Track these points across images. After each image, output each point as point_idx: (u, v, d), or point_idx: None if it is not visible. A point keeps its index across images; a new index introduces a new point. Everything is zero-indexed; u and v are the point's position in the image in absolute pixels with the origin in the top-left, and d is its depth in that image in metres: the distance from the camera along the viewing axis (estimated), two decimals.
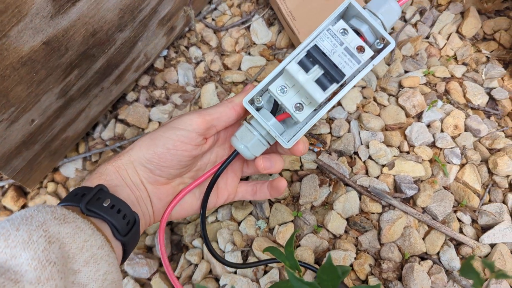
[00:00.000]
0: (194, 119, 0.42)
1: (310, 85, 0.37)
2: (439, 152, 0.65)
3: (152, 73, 0.75)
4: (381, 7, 0.40)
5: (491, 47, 0.73)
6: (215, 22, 0.78)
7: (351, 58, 0.37)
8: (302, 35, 0.69)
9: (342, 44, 0.38)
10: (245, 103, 0.40)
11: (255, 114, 0.40)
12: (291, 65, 0.37)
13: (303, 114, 0.40)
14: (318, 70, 0.37)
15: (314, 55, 0.37)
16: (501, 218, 0.59)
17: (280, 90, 0.39)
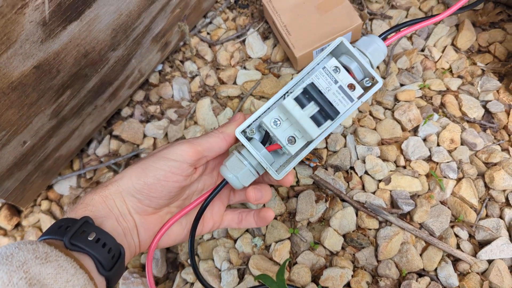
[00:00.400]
0: (186, 150, 0.42)
1: (305, 121, 0.38)
2: (436, 167, 0.65)
3: (147, 88, 0.74)
4: (369, 47, 0.42)
5: (486, 60, 0.72)
6: (210, 36, 0.77)
7: (345, 96, 0.39)
8: (297, 49, 0.69)
9: (336, 82, 0.39)
10: (237, 134, 0.41)
11: (248, 145, 0.41)
12: (287, 101, 0.38)
13: (295, 147, 0.41)
14: (314, 107, 0.39)
15: (311, 93, 0.38)
16: (498, 233, 0.59)
17: (273, 123, 0.40)
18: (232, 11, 0.79)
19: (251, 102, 0.71)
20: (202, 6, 0.72)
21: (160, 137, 0.70)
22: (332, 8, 0.70)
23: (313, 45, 0.69)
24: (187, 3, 0.64)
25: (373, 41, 0.43)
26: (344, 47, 0.41)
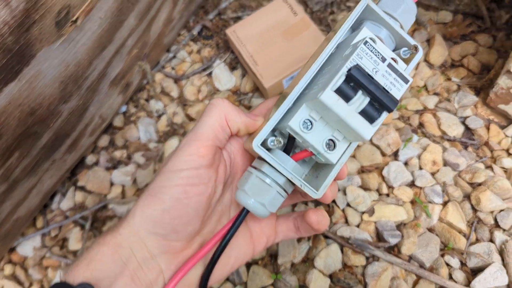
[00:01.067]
0: (195, 151, 0.32)
1: (353, 119, 0.28)
2: (420, 192, 0.62)
3: (111, 132, 0.70)
4: (397, 7, 0.33)
5: (460, 74, 0.70)
6: (175, 70, 0.74)
7: (397, 77, 0.29)
8: (265, 80, 0.66)
9: (384, 60, 0.29)
10: (256, 148, 0.31)
11: (273, 161, 0.31)
12: (327, 95, 0.28)
13: (336, 153, 0.31)
14: (363, 98, 0.28)
15: (358, 79, 0.27)
16: (490, 259, 0.56)
17: (304, 126, 0.30)
18: (196, 43, 0.75)
19: None
20: (163, 42, 0.68)
21: (129, 184, 0.66)
22: (298, 33, 0.67)
23: (282, 74, 0.66)
24: (146, 42, 0.61)
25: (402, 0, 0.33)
26: (369, 13, 0.32)
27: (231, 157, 0.37)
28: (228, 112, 0.34)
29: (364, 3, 0.32)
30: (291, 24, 0.68)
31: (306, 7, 0.75)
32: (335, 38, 0.32)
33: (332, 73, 0.29)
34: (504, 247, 0.57)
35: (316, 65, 0.32)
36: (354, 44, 0.30)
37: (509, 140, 0.65)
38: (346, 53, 0.30)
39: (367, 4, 0.32)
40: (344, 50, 0.31)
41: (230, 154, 0.37)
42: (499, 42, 0.72)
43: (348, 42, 0.32)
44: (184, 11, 0.69)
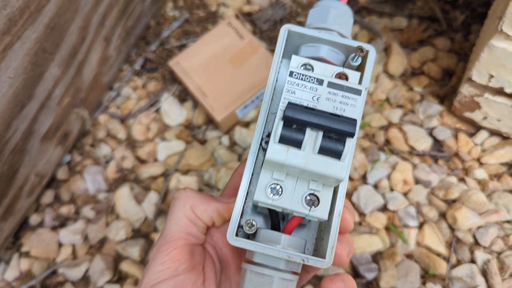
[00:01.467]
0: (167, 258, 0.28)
1: (316, 163, 0.24)
2: (393, 216, 0.58)
3: (56, 186, 0.64)
4: (327, 17, 0.29)
5: (422, 83, 0.67)
6: (120, 110, 0.68)
7: (346, 93, 0.25)
8: (217, 112, 0.61)
9: (322, 82, 0.25)
10: (233, 242, 0.26)
11: (258, 248, 0.26)
12: (271, 151, 0.24)
13: (324, 207, 0.25)
14: (315, 134, 0.24)
15: (296, 118, 0.23)
16: (473, 282, 0.53)
17: (272, 193, 0.25)
18: (140, 77, 0.70)
19: (177, 179, 0.62)
20: (102, 82, 0.63)
21: (79, 243, 0.60)
22: (247, 59, 0.63)
23: (234, 104, 0.61)
24: (79, 87, 0.55)
25: (327, 6, 0.29)
26: (296, 36, 0.28)
27: (217, 249, 0.32)
28: (194, 203, 0.30)
29: (284, 31, 0.28)
30: (238, 49, 0.63)
31: (255, 27, 0.70)
32: (270, 80, 0.28)
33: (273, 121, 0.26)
34: (486, 267, 0.53)
35: (262, 118, 0.27)
36: None
37: (478, 148, 0.61)
38: None
39: (288, 30, 0.28)
40: None
41: (215, 246, 0.32)
42: (458, 44, 0.69)
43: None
44: (121, 46, 0.64)
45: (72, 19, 0.46)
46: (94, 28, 0.52)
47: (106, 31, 0.56)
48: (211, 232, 0.32)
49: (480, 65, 0.52)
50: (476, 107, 0.59)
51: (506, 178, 0.59)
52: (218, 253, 0.31)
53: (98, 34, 0.54)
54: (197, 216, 0.29)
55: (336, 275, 0.27)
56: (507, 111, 0.56)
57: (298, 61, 0.27)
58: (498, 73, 0.52)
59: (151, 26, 0.71)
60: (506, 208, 0.56)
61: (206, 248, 0.31)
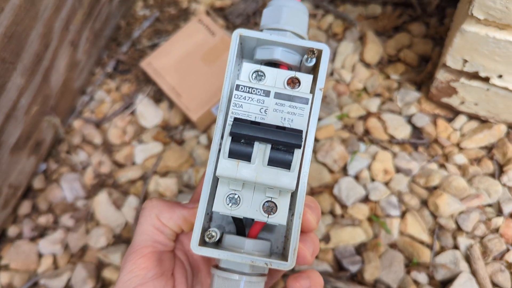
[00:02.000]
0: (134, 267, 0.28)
1: (266, 175, 0.24)
2: (375, 206, 0.58)
3: (33, 196, 0.63)
4: (280, 16, 0.28)
5: (399, 70, 0.66)
6: (95, 114, 0.67)
7: (293, 103, 0.25)
8: (192, 111, 0.60)
9: (268, 93, 0.25)
10: (197, 250, 0.26)
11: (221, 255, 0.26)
12: (222, 166, 0.24)
13: (282, 213, 0.26)
14: (263, 147, 0.24)
15: (243, 132, 0.24)
16: (457, 268, 0.53)
17: (230, 204, 0.26)
18: (113, 80, 0.68)
19: (156, 182, 0.61)
20: (73, 87, 0.61)
21: (60, 252, 0.59)
22: (220, 55, 0.62)
23: (209, 102, 0.60)
24: (47, 95, 0.54)
25: (279, 5, 0.28)
26: (250, 40, 0.27)
27: (188, 255, 0.32)
28: (160, 211, 0.30)
29: (236, 36, 0.27)
30: (210, 46, 0.62)
31: (228, 22, 0.69)
32: (224, 88, 0.27)
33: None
34: (469, 253, 0.53)
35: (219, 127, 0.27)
36: None
37: (457, 133, 0.61)
38: None
39: (240, 35, 0.27)
40: None
41: (186, 252, 0.32)
42: (433, 29, 0.68)
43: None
44: (91, 49, 0.62)
45: (31, 26, 0.44)
46: (58, 33, 0.50)
47: (71, 35, 0.54)
48: (181, 238, 0.32)
49: (453, 50, 0.52)
50: (453, 92, 0.59)
51: (486, 161, 0.58)
52: (189, 259, 0.32)
53: (63, 40, 0.52)
54: (163, 224, 0.30)
55: (302, 272, 0.28)
56: (484, 95, 0.56)
57: (250, 68, 0.27)
58: (471, 58, 0.52)
59: (122, 27, 0.70)
60: (487, 192, 0.56)
61: (176, 255, 0.31)
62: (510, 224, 0.55)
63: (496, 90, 0.54)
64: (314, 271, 0.28)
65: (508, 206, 0.55)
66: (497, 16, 0.45)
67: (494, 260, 0.53)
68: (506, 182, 0.56)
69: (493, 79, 0.53)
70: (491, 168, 0.58)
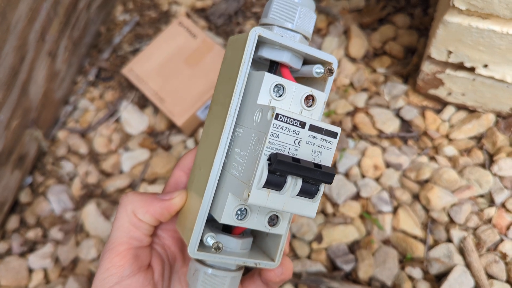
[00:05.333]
0: (110, 265, 0.29)
1: (292, 205, 0.25)
2: (367, 203, 0.57)
3: (20, 210, 0.62)
4: (294, 15, 0.27)
5: (385, 63, 0.66)
6: (79, 123, 0.66)
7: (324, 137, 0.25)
8: (177, 116, 0.59)
9: (304, 125, 0.25)
10: (195, 255, 0.27)
11: (219, 259, 0.28)
12: (255, 195, 0.24)
13: (282, 225, 0.28)
14: (295, 181, 0.25)
15: (283, 170, 0.24)
16: (451, 261, 0.52)
17: (238, 216, 0.27)
18: (96, 87, 0.67)
19: (145, 189, 0.60)
20: (54, 97, 0.60)
21: (50, 266, 0.58)
22: (202, 58, 0.61)
23: (194, 106, 0.59)
24: (27, 107, 0.53)
25: (294, 2, 0.28)
26: (266, 40, 0.27)
27: (165, 247, 0.33)
28: (136, 207, 0.30)
29: (253, 36, 0.26)
30: (192, 49, 0.61)
31: (209, 23, 0.68)
32: (236, 92, 0.26)
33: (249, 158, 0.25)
34: (463, 245, 0.53)
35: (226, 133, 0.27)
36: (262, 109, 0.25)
37: (446, 124, 0.61)
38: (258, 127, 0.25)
39: (259, 35, 0.26)
40: (252, 95, 0.27)
41: (163, 245, 0.33)
42: (417, 20, 0.68)
43: (254, 84, 0.27)
44: (71, 58, 0.61)
45: (4, 39, 0.43)
46: (33, 45, 0.49)
47: (48, 46, 0.53)
48: (158, 232, 0.33)
49: (437, 42, 0.51)
50: (440, 83, 0.58)
51: (476, 152, 0.58)
52: (167, 251, 0.33)
53: (40, 51, 0.51)
54: (139, 220, 0.30)
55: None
56: (470, 85, 0.55)
57: (271, 81, 0.26)
58: (456, 49, 0.51)
59: (102, 33, 0.69)
60: (478, 183, 0.56)
61: (154, 248, 0.32)
62: (503, 214, 0.54)
63: (482, 79, 0.54)
64: (285, 257, 0.31)
65: (499, 195, 0.55)
66: (479, 5, 0.44)
67: (488, 251, 0.53)
68: (497, 171, 0.56)
69: (479, 69, 0.52)
70: (481, 158, 0.57)
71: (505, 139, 0.57)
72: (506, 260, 0.52)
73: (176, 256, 0.33)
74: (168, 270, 0.32)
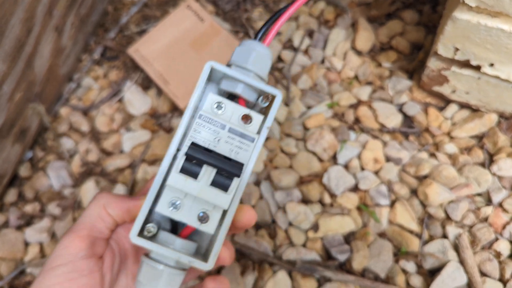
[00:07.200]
0: (68, 244, 0.32)
1: (207, 193, 0.30)
2: (365, 195, 0.57)
3: (19, 184, 0.62)
4: (247, 58, 0.32)
5: (391, 58, 0.66)
6: (82, 101, 0.66)
7: (242, 140, 0.31)
8: (180, 99, 0.59)
9: (224, 127, 0.30)
10: (134, 240, 0.30)
11: (155, 248, 0.31)
12: (173, 178, 0.29)
13: (212, 224, 0.31)
14: (210, 170, 0.30)
15: (197, 156, 0.29)
16: (446, 257, 0.53)
17: (172, 207, 0.30)
18: (101, 66, 0.67)
19: (144, 170, 0.60)
20: (59, 74, 0.60)
21: (46, 241, 0.58)
22: (209, 42, 0.60)
23: None
24: (32, 81, 0.52)
25: (250, 48, 0.33)
26: (219, 72, 0.32)
27: (120, 244, 0.36)
28: (108, 202, 0.34)
29: (208, 68, 0.31)
30: (199, 32, 0.61)
31: (217, 8, 0.68)
32: (188, 109, 0.31)
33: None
34: (458, 242, 0.53)
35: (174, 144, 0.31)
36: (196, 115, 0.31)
37: (448, 122, 0.61)
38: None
39: (212, 67, 0.31)
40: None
41: (118, 242, 0.36)
42: (426, 17, 0.67)
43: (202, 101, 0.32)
44: (77, 35, 0.61)
45: (11, 11, 0.43)
46: (40, 18, 0.49)
47: (55, 21, 0.53)
48: (117, 229, 0.36)
49: (444, 38, 0.51)
50: (444, 80, 0.58)
51: (476, 151, 0.58)
52: (120, 247, 0.36)
53: (47, 25, 0.51)
54: (107, 213, 0.33)
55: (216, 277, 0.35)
56: (475, 84, 0.55)
57: (214, 100, 0.31)
58: (463, 46, 0.51)
59: (109, 12, 0.68)
60: (477, 181, 0.56)
61: (110, 243, 0.35)
62: (499, 214, 0.54)
63: (487, 78, 0.54)
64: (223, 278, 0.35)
65: (497, 195, 0.55)
66: (489, 3, 0.44)
67: (483, 249, 0.53)
68: (496, 171, 0.56)
69: (485, 68, 0.52)
70: (481, 157, 0.58)
71: (506, 140, 0.57)
72: (500, 259, 0.52)
73: (128, 254, 0.37)
74: (117, 265, 0.35)
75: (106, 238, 0.34)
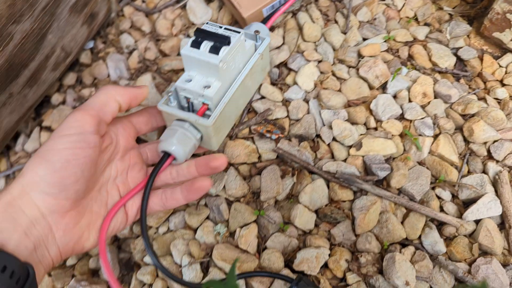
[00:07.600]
0: (81, 119, 0.37)
1: (205, 56, 0.42)
2: (409, 125, 0.58)
3: (78, 69, 0.65)
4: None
5: (453, 3, 0.66)
6: (146, 3, 0.68)
7: (233, 32, 0.44)
8: (244, 8, 0.61)
9: (221, 27, 0.44)
10: (163, 107, 0.43)
11: (174, 111, 0.43)
12: (185, 49, 0.43)
13: (212, 90, 0.42)
14: (208, 43, 0.42)
15: (201, 35, 0.43)
16: (483, 190, 0.53)
17: (185, 81, 0.43)
18: None
19: None
20: None
21: None
22: None
23: (262, 2, 0.61)
24: None
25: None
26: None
27: (117, 137, 0.44)
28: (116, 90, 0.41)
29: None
30: None
31: None
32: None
33: None
34: (498, 177, 0.54)
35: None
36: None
37: (503, 70, 0.61)
38: None
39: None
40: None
41: (115, 136, 0.43)
42: None
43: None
44: None
45: None
46: None
47: None
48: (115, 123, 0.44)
49: None
50: (507, 25, 0.58)
51: None
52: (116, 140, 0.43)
53: None
54: (114, 99, 0.40)
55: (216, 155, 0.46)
56: None
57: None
58: None
59: None
60: None
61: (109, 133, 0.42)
62: None
63: None
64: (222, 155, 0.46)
65: None
66: None
67: None
68: None
69: None
70: None
71: None
72: None
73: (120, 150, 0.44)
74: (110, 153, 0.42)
75: (107, 123, 0.40)
